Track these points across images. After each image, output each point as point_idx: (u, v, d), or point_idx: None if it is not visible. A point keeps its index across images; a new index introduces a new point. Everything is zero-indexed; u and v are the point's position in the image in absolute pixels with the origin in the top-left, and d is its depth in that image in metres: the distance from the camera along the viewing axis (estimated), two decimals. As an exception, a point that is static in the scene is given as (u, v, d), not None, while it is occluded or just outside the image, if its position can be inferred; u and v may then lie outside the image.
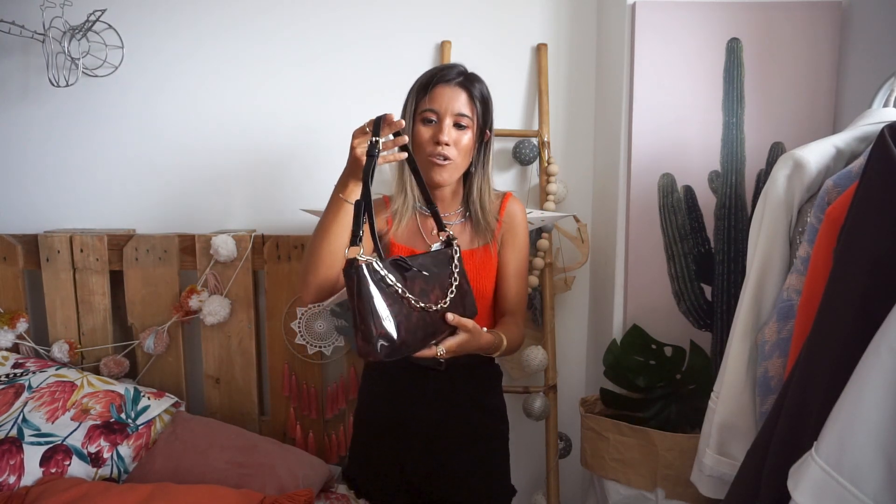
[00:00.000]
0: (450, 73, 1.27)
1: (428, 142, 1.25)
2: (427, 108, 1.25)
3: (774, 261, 1.14)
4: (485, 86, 1.31)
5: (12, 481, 1.46)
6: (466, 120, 1.26)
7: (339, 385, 1.87)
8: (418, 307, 1.04)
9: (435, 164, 1.26)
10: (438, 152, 1.24)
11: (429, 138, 1.25)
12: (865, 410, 0.73)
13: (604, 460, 1.57)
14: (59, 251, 1.79)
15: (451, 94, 1.25)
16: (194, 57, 1.90)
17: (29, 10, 1.75)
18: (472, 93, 1.27)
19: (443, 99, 1.25)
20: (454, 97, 1.25)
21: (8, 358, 1.74)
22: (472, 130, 1.28)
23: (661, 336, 1.62)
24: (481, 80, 1.31)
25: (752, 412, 1.16)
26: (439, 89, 1.25)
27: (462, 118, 1.26)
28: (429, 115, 1.26)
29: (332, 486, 1.70)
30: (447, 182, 1.29)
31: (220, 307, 1.79)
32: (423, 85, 1.27)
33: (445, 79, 1.26)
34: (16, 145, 1.92)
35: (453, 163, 1.26)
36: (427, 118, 1.26)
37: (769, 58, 1.61)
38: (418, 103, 1.27)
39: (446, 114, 1.25)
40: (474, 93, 1.27)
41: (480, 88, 1.29)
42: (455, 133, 1.26)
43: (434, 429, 1.32)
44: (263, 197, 1.96)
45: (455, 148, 1.26)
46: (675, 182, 1.65)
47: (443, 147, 1.24)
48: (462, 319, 1.13)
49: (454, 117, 1.25)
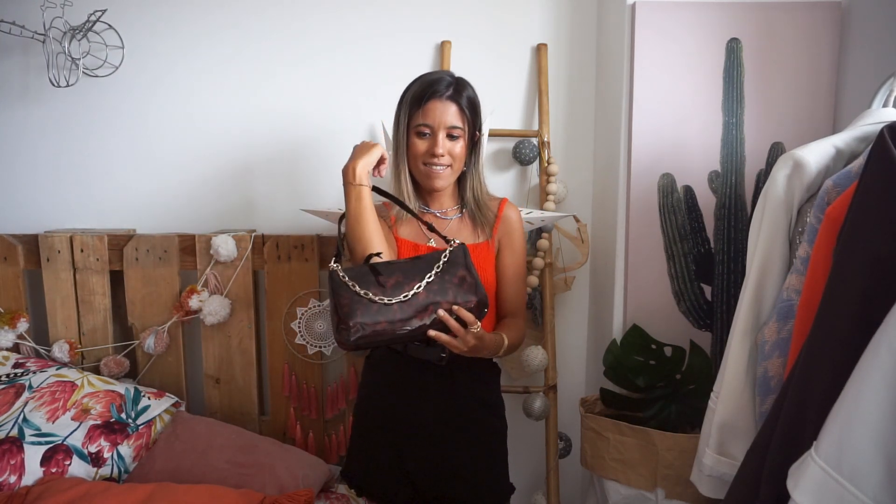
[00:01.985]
0: (440, 87, 1.32)
1: (424, 154, 1.34)
2: (421, 123, 1.33)
3: (774, 261, 1.14)
4: (472, 90, 1.37)
5: (13, 481, 1.46)
6: (458, 131, 1.34)
7: (339, 385, 1.87)
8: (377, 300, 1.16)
9: (432, 173, 1.35)
10: (434, 163, 1.34)
11: (424, 151, 1.34)
12: (865, 410, 0.73)
13: (604, 460, 1.57)
14: (60, 251, 1.79)
15: (442, 108, 1.32)
16: (194, 57, 1.91)
17: (29, 10, 1.75)
18: (461, 104, 1.34)
19: (435, 113, 1.32)
20: (446, 111, 1.32)
21: (8, 358, 1.75)
22: (463, 139, 1.35)
23: (661, 336, 1.63)
24: (469, 85, 1.37)
25: (752, 412, 1.16)
26: (432, 104, 1.32)
27: (454, 130, 1.33)
28: (423, 130, 1.33)
29: (332, 486, 1.70)
30: (445, 187, 1.38)
31: (220, 307, 1.79)
32: (415, 99, 1.33)
33: (438, 94, 1.32)
34: (16, 145, 1.92)
35: (448, 170, 1.35)
36: (421, 132, 1.33)
37: (769, 58, 1.61)
38: (412, 117, 1.34)
39: (440, 127, 1.32)
40: (463, 103, 1.34)
41: (468, 96, 1.36)
42: (449, 144, 1.34)
43: (434, 424, 1.35)
44: (263, 197, 1.96)
45: (449, 156, 1.34)
46: (675, 182, 1.65)
47: (438, 158, 1.32)
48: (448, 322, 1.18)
49: (447, 130, 1.33)
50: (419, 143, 1.33)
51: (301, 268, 1.83)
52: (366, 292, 1.17)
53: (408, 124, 1.34)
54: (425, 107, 1.32)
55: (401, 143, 1.36)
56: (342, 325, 1.15)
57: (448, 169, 1.34)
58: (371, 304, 1.16)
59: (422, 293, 1.18)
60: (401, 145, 1.36)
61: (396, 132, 1.37)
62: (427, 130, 1.33)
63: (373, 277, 1.18)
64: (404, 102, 1.35)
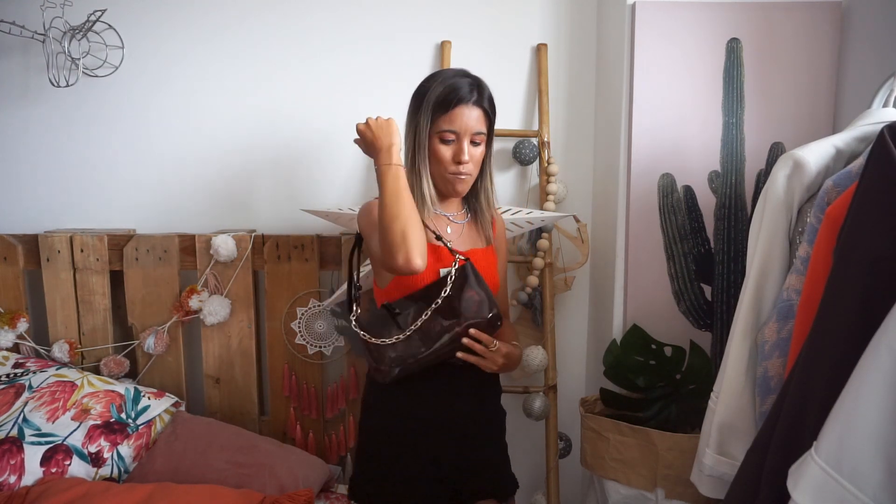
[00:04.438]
0: (466, 92, 1.28)
1: (448, 161, 1.31)
2: (447, 129, 1.28)
3: (774, 261, 1.14)
4: (490, 92, 1.34)
5: (13, 481, 1.47)
6: (481, 137, 1.32)
7: (339, 385, 1.87)
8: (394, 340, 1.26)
9: (457, 180, 1.33)
10: (459, 171, 1.31)
11: (449, 158, 1.30)
12: (865, 410, 0.73)
13: (604, 460, 1.57)
14: (60, 251, 1.79)
15: (469, 114, 1.28)
16: (194, 57, 1.91)
17: (29, 10, 1.75)
18: (485, 108, 1.31)
19: (462, 120, 1.28)
20: (472, 117, 1.29)
21: (8, 358, 1.75)
22: (484, 143, 1.34)
23: (661, 336, 1.62)
24: (486, 85, 1.34)
25: (752, 412, 1.16)
26: (459, 111, 1.28)
27: (478, 136, 1.31)
28: (448, 136, 1.29)
29: (332, 486, 1.71)
30: (466, 192, 1.37)
31: (220, 307, 1.79)
32: (441, 104, 1.28)
33: (465, 100, 1.28)
34: (16, 145, 1.92)
35: (470, 176, 1.34)
36: (446, 139, 1.29)
37: (769, 58, 1.61)
38: (435, 121, 1.29)
39: (465, 134, 1.29)
40: (486, 106, 1.31)
41: (489, 100, 1.33)
42: (472, 150, 1.31)
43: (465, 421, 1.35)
44: (263, 197, 1.96)
45: (472, 163, 1.32)
46: (675, 182, 1.65)
47: (464, 166, 1.30)
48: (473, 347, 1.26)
49: (472, 136, 1.30)
50: (444, 150, 1.29)
51: (301, 268, 1.83)
52: (383, 341, 1.26)
53: (430, 128, 1.29)
54: (452, 112, 1.27)
55: (422, 146, 1.30)
56: (377, 371, 1.27)
57: (470, 176, 1.33)
58: (394, 345, 1.26)
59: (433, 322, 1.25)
60: (422, 148, 1.30)
61: (415, 134, 1.31)
62: (452, 137, 1.29)
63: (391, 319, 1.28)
64: (426, 105, 1.29)
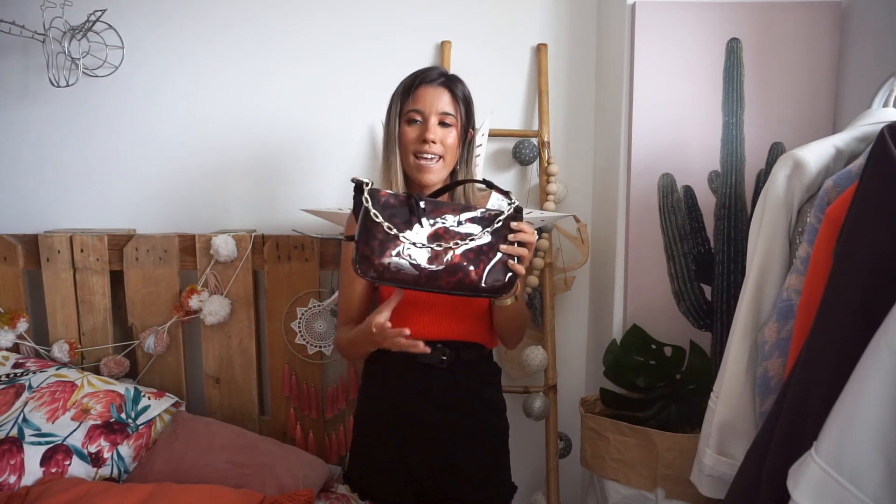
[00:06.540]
0: (431, 74, 1.31)
1: (414, 141, 1.29)
2: (412, 109, 1.29)
3: (774, 261, 1.14)
4: (466, 87, 1.35)
5: (13, 481, 1.47)
6: (451, 118, 1.30)
7: (339, 385, 1.87)
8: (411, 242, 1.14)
9: (423, 166, 1.29)
10: (426, 150, 1.28)
11: (415, 137, 1.29)
12: (865, 410, 0.73)
13: (604, 460, 1.57)
14: (60, 251, 1.79)
15: (434, 93, 1.29)
16: (194, 57, 1.91)
17: (29, 10, 1.75)
18: (454, 92, 1.31)
19: (426, 98, 1.29)
20: (437, 96, 1.29)
21: (8, 358, 1.75)
22: (456, 129, 1.31)
23: (661, 336, 1.62)
24: (462, 81, 1.35)
25: (752, 412, 1.16)
26: (422, 90, 1.29)
27: (446, 116, 1.29)
28: (414, 116, 1.29)
29: (332, 486, 1.70)
30: (434, 182, 1.32)
31: (220, 307, 1.79)
32: (406, 87, 1.31)
33: (428, 79, 1.30)
34: (16, 145, 1.92)
35: (440, 162, 1.30)
36: (412, 118, 1.30)
37: (769, 58, 1.61)
38: (402, 105, 1.31)
39: (431, 113, 1.29)
40: (457, 92, 1.31)
41: (462, 88, 1.33)
42: (440, 131, 1.29)
43: (439, 425, 1.33)
44: (263, 197, 1.96)
45: (441, 145, 1.29)
46: (675, 182, 1.65)
47: (430, 145, 1.27)
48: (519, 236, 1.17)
49: (439, 116, 1.29)
50: (409, 131, 1.29)
51: (301, 268, 1.83)
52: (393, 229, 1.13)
53: (399, 113, 1.30)
54: (416, 92, 1.29)
55: (392, 133, 1.31)
56: (367, 262, 1.12)
57: (440, 161, 1.29)
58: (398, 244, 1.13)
59: (460, 255, 1.14)
60: (392, 136, 1.31)
61: (388, 124, 1.33)
62: (418, 117, 1.28)
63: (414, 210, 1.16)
64: (395, 95, 1.33)
